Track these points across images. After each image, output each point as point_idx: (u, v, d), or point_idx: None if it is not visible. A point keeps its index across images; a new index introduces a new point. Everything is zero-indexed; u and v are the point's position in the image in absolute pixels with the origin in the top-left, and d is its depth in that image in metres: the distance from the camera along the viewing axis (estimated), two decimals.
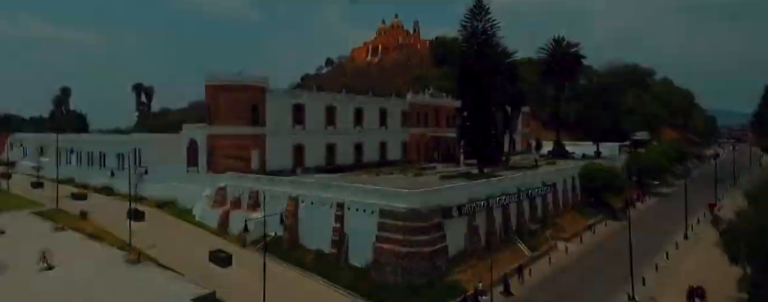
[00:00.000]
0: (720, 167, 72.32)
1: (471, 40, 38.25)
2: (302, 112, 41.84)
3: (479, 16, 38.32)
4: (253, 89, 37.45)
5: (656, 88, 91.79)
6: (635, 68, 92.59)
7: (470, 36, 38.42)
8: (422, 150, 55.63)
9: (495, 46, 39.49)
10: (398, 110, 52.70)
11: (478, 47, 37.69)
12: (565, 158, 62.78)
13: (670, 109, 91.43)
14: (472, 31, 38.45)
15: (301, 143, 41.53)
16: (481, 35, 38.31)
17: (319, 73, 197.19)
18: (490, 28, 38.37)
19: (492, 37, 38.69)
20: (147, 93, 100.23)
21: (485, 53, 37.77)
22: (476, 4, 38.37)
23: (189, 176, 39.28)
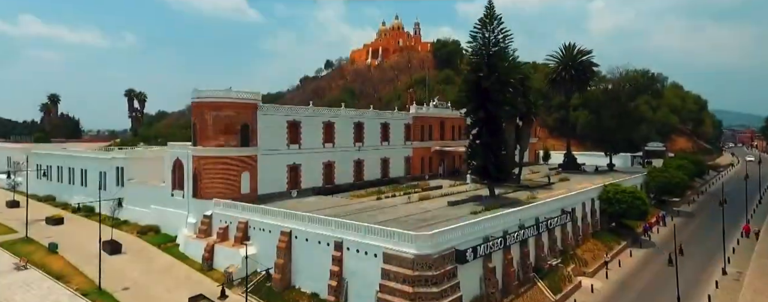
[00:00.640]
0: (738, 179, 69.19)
1: (481, 52, 34.88)
2: (298, 129, 38.51)
3: (490, 26, 34.99)
4: (244, 107, 34.11)
5: (667, 93, 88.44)
6: (645, 74, 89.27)
7: (481, 48, 35.07)
8: (426, 165, 52.35)
9: (507, 59, 36.14)
10: (401, 124, 49.39)
11: (489, 60, 34.32)
12: (577, 170, 59.63)
13: (680, 115, 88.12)
14: (482, 43, 35.10)
15: (296, 163, 38.20)
16: (493, 47, 34.97)
17: (318, 75, 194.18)
18: (503, 40, 35.04)
19: (505, 49, 35.37)
20: (139, 99, 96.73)
21: (497, 67, 34.41)
22: (487, 13, 35.02)
23: (173, 200, 35.94)
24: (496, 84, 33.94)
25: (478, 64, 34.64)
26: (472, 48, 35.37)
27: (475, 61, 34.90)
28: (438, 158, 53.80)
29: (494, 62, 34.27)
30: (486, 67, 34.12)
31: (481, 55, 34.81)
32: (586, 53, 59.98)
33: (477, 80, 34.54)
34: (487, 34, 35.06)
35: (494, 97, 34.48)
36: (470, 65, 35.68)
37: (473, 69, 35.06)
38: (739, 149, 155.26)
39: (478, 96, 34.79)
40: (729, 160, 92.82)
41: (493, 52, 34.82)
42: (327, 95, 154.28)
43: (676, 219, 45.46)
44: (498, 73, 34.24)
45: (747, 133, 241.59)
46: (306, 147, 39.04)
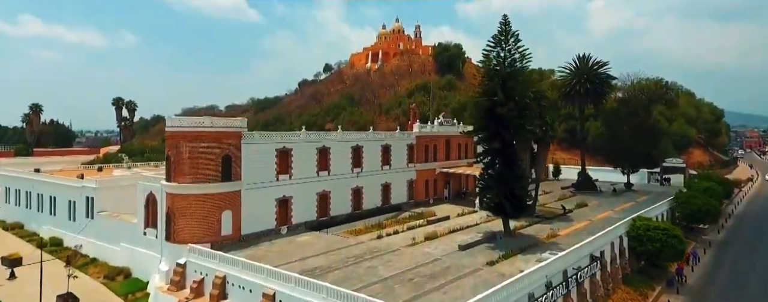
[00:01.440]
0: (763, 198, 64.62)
1: (496, 74, 30.60)
2: (288, 158, 34.22)
3: (506, 44, 30.76)
4: (226, 136, 29.83)
5: (682, 103, 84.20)
6: (658, 82, 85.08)
7: (495, 68, 30.82)
8: (431, 188, 48.09)
9: (525, 80, 31.87)
10: (403, 145, 45.12)
11: (505, 83, 30.04)
12: (593, 190, 55.46)
13: (695, 125, 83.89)
14: (497, 63, 30.86)
15: (286, 196, 33.92)
16: (509, 67, 30.70)
17: (317, 79, 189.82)
18: (521, 59, 30.79)
19: (522, 70, 31.12)
20: (129, 108, 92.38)
21: (515, 90, 30.15)
22: (502, 28, 30.81)
23: (146, 240, 31.68)
24: (513, 109, 29.68)
25: (492, 87, 30.35)
26: (485, 68, 31.14)
27: (489, 84, 30.60)
28: (443, 180, 49.55)
29: (511, 86, 30.00)
30: (502, 92, 29.84)
31: (495, 78, 30.51)
32: (602, 65, 55.88)
33: (491, 105, 30.30)
34: (503, 53, 30.84)
35: (511, 124, 30.25)
36: (483, 88, 31.40)
37: (486, 93, 30.80)
38: (749, 155, 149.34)
39: (493, 123, 30.57)
40: (746, 173, 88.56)
41: (509, 73, 30.55)
42: (326, 100, 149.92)
43: (708, 251, 41.23)
44: (516, 98, 29.99)
45: (753, 136, 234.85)
46: (298, 177, 34.76)
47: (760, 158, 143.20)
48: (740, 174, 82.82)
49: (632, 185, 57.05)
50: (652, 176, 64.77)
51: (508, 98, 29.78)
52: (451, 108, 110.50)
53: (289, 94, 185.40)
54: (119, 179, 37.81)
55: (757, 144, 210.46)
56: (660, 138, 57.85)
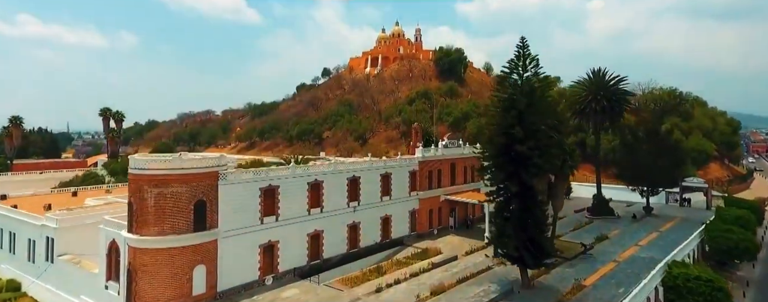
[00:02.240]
0: None
1: (513, 104, 26.30)
2: (275, 197, 29.97)
3: (524, 71, 26.52)
4: (199, 178, 25.56)
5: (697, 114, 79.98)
6: (672, 92, 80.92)
7: (512, 98, 26.52)
8: (435, 218, 43.83)
9: (546, 111, 27.59)
10: (405, 172, 40.85)
11: (523, 117, 25.74)
12: (610, 215, 51.20)
13: (712, 138, 79.67)
14: (513, 91, 26.59)
15: (272, 240, 29.67)
16: (527, 96, 26.40)
17: (315, 83, 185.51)
18: (540, 89, 26.53)
19: (543, 99, 26.87)
20: (116, 118, 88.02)
21: (536, 125, 25.88)
22: (518, 52, 26.59)
23: (108, 295, 27.38)
24: (535, 149, 25.40)
25: (509, 121, 26.04)
26: (500, 98, 26.85)
27: (505, 117, 26.24)
28: (448, 208, 45.28)
29: (532, 120, 25.70)
30: (520, 127, 25.54)
31: (512, 109, 26.20)
32: (620, 80, 51.64)
33: (508, 142, 26.00)
34: (520, 80, 26.56)
35: (532, 162, 25.97)
36: (497, 120, 27.08)
37: (502, 126, 26.48)
38: (759, 162, 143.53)
39: (509, 162, 26.30)
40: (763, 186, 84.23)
41: (528, 104, 26.24)
42: (324, 107, 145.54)
43: (747, 293, 36.92)
44: (537, 134, 25.71)
45: (758, 139, 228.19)
46: (285, 218, 30.51)
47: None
48: (760, 189, 78.50)
49: (652, 208, 52.77)
50: (669, 196, 60.48)
51: (529, 134, 25.51)
52: (453, 117, 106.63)
53: (287, 99, 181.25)
54: (85, 216, 33.40)
55: (765, 149, 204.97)
56: (683, 158, 53.58)
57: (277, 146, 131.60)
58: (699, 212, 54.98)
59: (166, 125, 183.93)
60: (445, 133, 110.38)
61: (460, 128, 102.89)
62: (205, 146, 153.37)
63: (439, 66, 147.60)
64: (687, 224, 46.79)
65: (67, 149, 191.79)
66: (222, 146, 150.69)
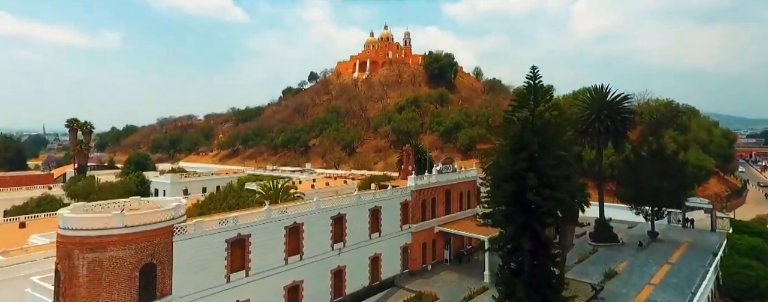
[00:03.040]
0: None
1: (523, 145, 22.48)
2: (245, 248, 25.60)
3: (535, 103, 22.76)
4: (148, 236, 21.04)
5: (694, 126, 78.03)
6: (668, 104, 78.79)
7: (523, 136, 22.70)
8: (429, 252, 39.92)
9: (560, 150, 23.83)
10: (396, 204, 36.82)
11: (534, 162, 21.94)
12: (614, 242, 48.08)
13: (708, 151, 77.78)
14: (523, 131, 22.77)
15: (241, 301, 25.26)
16: (540, 135, 22.61)
17: (301, 87, 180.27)
18: (554, 124, 22.78)
19: (557, 136, 23.13)
20: (84, 129, 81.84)
21: (549, 170, 22.11)
22: (529, 84, 22.88)
23: None
24: (551, 199, 21.62)
25: (520, 165, 22.21)
26: (509, 138, 23.00)
27: (515, 161, 22.37)
28: (443, 240, 41.41)
29: (547, 164, 21.93)
30: (534, 174, 21.74)
31: (523, 151, 22.38)
32: (623, 98, 48.58)
33: (518, 190, 22.19)
34: (532, 117, 22.75)
35: (544, 211, 22.22)
36: (505, 162, 23.23)
37: (511, 171, 22.63)
38: (746, 168, 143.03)
39: (520, 212, 22.49)
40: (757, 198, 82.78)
41: (542, 144, 22.44)
42: (310, 113, 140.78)
43: None
44: (553, 180, 21.96)
45: (740, 142, 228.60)
46: (258, 272, 26.17)
47: (760, 173, 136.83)
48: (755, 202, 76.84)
49: (657, 233, 49.86)
50: (671, 216, 57.79)
51: (543, 180, 21.72)
52: (444, 127, 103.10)
53: (272, 103, 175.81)
54: (18, 266, 28.39)
55: (748, 153, 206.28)
56: (690, 181, 50.85)
57: (262, 155, 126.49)
58: (704, 235, 52.43)
59: (145, 130, 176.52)
60: (435, 142, 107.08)
61: (452, 137, 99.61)
62: (185, 153, 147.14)
63: (429, 71, 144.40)
64: (697, 253, 43.92)
65: (39, 154, 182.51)
66: (203, 153, 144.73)
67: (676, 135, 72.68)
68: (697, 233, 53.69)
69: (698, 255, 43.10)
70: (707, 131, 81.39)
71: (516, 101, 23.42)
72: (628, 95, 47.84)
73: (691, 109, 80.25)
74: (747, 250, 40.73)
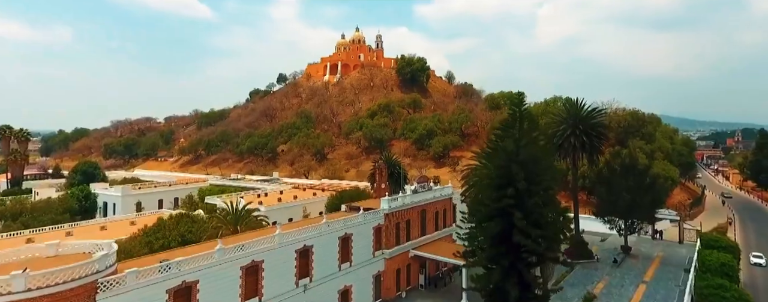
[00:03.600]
0: None
1: (509, 180, 20.29)
2: (191, 297, 21.95)
3: (521, 134, 20.62)
4: (65, 298, 17.10)
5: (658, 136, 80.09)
6: (635, 114, 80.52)
7: (509, 169, 20.50)
8: (403, 279, 37.35)
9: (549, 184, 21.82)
10: (368, 229, 34.03)
11: (522, 199, 19.80)
12: (589, 259, 47.43)
13: (671, 159, 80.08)
14: (508, 162, 20.58)
15: None
16: (527, 168, 20.49)
17: (269, 89, 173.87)
18: (541, 160, 20.75)
19: (546, 169, 21.12)
20: (20, 138, 73.66)
21: (537, 206, 20.04)
22: (513, 111, 20.73)
23: None
24: (541, 242, 19.52)
25: (506, 202, 19.98)
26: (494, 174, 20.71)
27: (501, 198, 20.13)
28: (417, 264, 38.99)
29: (535, 202, 19.81)
30: (520, 210, 19.58)
31: (510, 187, 20.18)
32: (598, 113, 48.12)
33: (504, 230, 19.96)
34: (518, 149, 20.58)
35: (530, 250, 20.12)
36: (488, 200, 20.92)
37: (496, 208, 20.38)
38: (702, 172, 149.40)
39: (505, 255, 20.28)
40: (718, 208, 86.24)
41: (528, 179, 20.32)
42: (279, 117, 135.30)
43: None
44: (539, 221, 19.88)
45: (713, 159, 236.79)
46: None
47: (714, 179, 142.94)
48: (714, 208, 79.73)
49: (630, 248, 49.79)
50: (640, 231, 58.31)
51: (532, 220, 19.59)
52: (417, 133, 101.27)
53: (239, 106, 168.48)
54: None
55: (700, 156, 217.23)
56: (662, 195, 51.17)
57: (226, 161, 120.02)
58: (673, 247, 53.14)
59: (97, 133, 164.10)
60: (408, 150, 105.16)
61: (425, 145, 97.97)
62: (142, 159, 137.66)
63: (401, 75, 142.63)
64: (670, 270, 43.90)
65: None
66: (163, 159, 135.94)
67: (643, 144, 74.19)
68: (667, 245, 54.28)
69: (671, 272, 43.02)
70: (669, 139, 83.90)
71: (500, 129, 21.25)
72: (602, 109, 47.30)
73: (655, 118, 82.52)
74: (717, 267, 40.93)
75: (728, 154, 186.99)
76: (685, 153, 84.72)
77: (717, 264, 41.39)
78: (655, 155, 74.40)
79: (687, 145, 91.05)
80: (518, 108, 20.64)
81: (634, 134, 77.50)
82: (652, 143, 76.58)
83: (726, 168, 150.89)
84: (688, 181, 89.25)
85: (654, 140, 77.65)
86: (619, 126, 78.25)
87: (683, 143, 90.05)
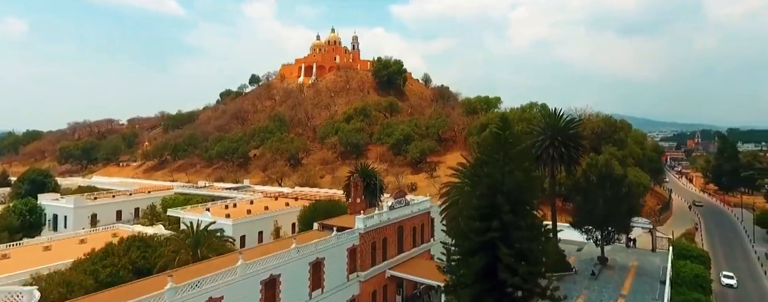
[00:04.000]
0: None
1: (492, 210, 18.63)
2: None
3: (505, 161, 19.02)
4: None
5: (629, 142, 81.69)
6: (607, 120, 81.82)
7: (493, 200, 18.84)
8: (380, 301, 35.34)
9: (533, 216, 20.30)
10: (342, 251, 31.82)
11: (507, 232, 18.19)
12: (568, 272, 46.90)
13: (641, 165, 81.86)
14: (493, 192, 18.92)
15: None
16: (512, 198, 18.88)
17: (241, 91, 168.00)
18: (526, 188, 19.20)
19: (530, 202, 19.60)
20: None
21: (523, 240, 18.47)
22: (498, 136, 19.06)
23: None
24: (527, 280, 17.95)
25: (491, 235, 18.31)
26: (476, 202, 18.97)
27: (485, 232, 18.44)
28: (394, 283, 37.08)
29: (523, 236, 18.22)
30: (506, 246, 17.95)
31: (494, 219, 18.51)
32: (576, 124, 47.79)
33: (488, 265, 18.28)
34: (503, 177, 18.94)
35: (515, 285, 18.54)
36: (471, 233, 19.17)
37: (478, 243, 18.66)
38: (668, 176, 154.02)
39: (491, 291, 18.60)
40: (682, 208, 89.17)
41: (514, 211, 18.70)
42: (251, 120, 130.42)
43: None
44: (526, 255, 18.31)
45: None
46: None
47: (678, 181, 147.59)
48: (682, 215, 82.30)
49: (606, 259, 49.72)
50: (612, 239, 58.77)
51: (518, 253, 17.99)
52: (394, 138, 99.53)
53: (209, 107, 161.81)
54: None
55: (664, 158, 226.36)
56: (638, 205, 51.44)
57: (194, 167, 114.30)
58: (647, 256, 53.57)
59: (52, 136, 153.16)
60: (385, 155, 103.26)
61: (402, 150, 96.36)
62: (103, 164, 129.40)
63: (378, 78, 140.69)
64: (646, 282, 43.86)
65: None
66: (125, 164, 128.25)
67: (615, 150, 75.31)
68: (641, 254, 54.76)
69: (647, 284, 42.99)
70: (640, 145, 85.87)
71: (485, 154, 19.57)
72: (579, 121, 46.96)
73: (626, 123, 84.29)
74: (691, 278, 41.21)
75: (690, 156, 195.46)
76: (655, 159, 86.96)
77: (691, 276, 41.65)
78: (627, 161, 75.66)
79: (656, 150, 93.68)
80: (503, 132, 19.02)
81: (606, 141, 78.65)
82: (624, 149, 77.91)
83: (689, 170, 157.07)
84: (656, 185, 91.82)
85: (626, 145, 79.04)
86: (593, 132, 79.19)
87: (653, 149, 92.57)
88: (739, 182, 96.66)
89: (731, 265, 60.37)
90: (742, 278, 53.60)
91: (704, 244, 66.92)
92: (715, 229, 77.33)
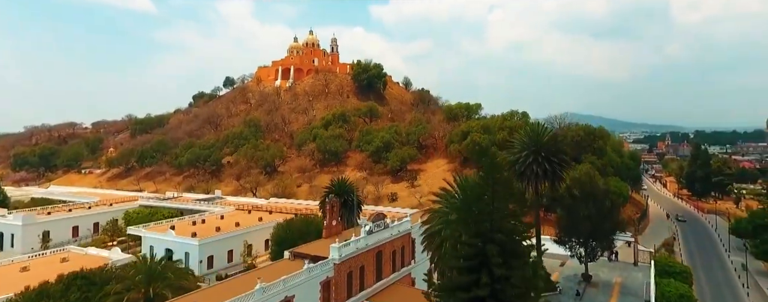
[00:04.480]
0: None
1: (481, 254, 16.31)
2: None
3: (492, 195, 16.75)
4: None
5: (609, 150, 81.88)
6: (586, 129, 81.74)
7: (480, 245, 16.51)
8: None
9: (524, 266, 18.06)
10: (315, 285, 29.02)
11: (495, 279, 15.90)
12: (553, 292, 45.52)
13: (620, 174, 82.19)
14: (484, 241, 16.59)
15: None
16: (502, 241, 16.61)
17: (215, 93, 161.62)
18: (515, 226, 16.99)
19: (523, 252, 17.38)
20: None
21: (513, 286, 16.20)
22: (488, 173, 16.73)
23: None
24: None
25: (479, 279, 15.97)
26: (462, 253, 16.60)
27: (471, 276, 16.10)
28: None
29: (516, 293, 15.94)
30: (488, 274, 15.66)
31: (483, 268, 16.17)
32: (560, 139, 46.42)
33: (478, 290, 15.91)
34: (491, 224, 16.61)
35: None
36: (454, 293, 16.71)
37: (464, 299, 16.27)
38: (645, 182, 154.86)
39: None
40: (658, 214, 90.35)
41: (503, 253, 16.45)
42: (225, 125, 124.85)
43: None
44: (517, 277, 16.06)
45: (626, 148, 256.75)
46: None
47: (654, 186, 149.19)
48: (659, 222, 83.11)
49: (591, 276, 48.67)
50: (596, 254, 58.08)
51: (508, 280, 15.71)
52: (374, 146, 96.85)
53: (180, 111, 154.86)
54: None
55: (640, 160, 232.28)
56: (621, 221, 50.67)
57: (162, 175, 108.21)
58: (629, 271, 52.97)
59: (6, 140, 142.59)
60: (364, 162, 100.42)
61: (381, 157, 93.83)
62: (63, 171, 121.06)
63: (358, 81, 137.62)
64: (631, 299, 43.02)
65: None
66: (88, 171, 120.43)
67: (595, 159, 75.17)
68: (623, 268, 54.11)
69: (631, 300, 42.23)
70: (618, 153, 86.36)
71: (472, 194, 17.25)
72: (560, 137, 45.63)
73: (604, 131, 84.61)
74: (676, 299, 40.33)
75: (662, 159, 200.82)
76: (632, 167, 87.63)
77: (675, 296, 40.83)
78: (606, 170, 75.57)
79: (633, 158, 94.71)
80: (492, 175, 16.68)
81: (585, 150, 78.47)
82: (603, 157, 77.91)
83: (662, 174, 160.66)
84: (634, 192, 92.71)
85: (605, 154, 79.08)
86: (573, 141, 78.86)
87: (630, 157, 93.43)
88: (711, 187, 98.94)
89: (708, 276, 60.92)
90: (720, 290, 53.95)
91: (682, 254, 67.40)
92: (692, 238, 78.24)
